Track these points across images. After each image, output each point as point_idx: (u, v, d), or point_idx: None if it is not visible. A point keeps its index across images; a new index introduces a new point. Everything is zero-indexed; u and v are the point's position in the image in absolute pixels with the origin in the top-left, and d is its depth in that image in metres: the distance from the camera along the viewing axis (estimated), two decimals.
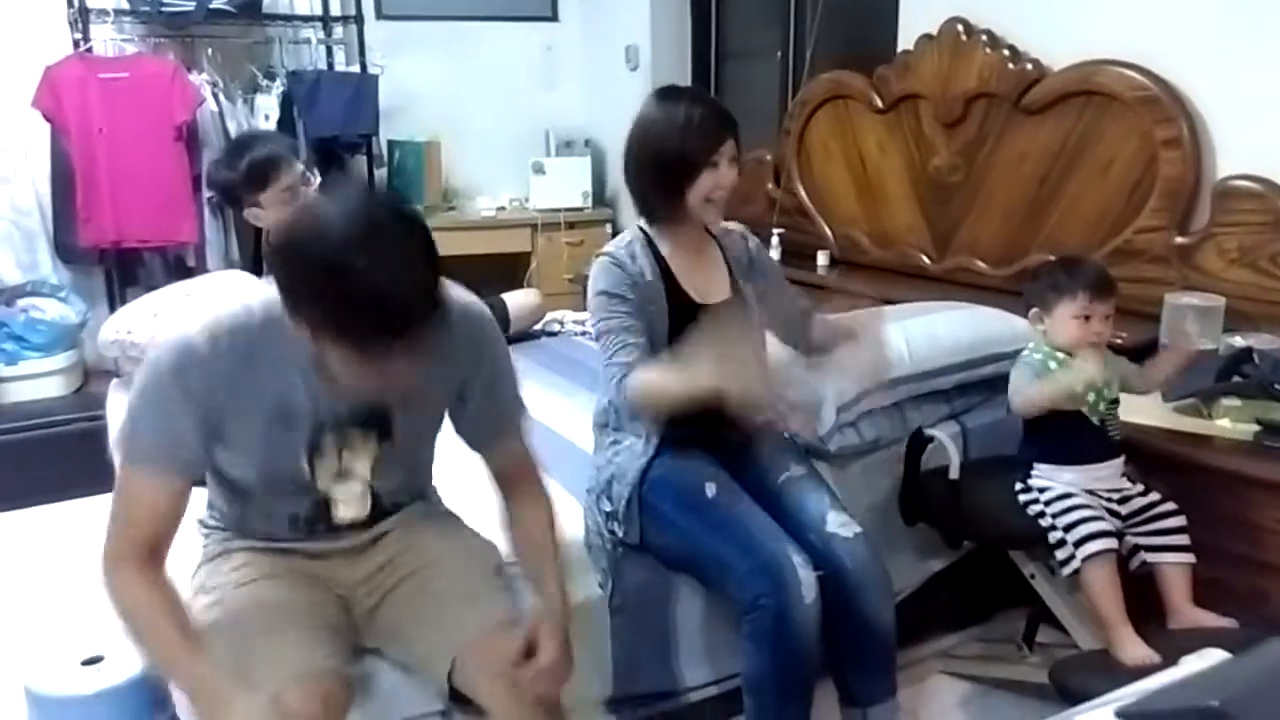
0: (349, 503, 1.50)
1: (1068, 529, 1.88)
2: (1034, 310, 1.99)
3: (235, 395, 1.36)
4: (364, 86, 4.11)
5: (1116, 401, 1.99)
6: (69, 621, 1.85)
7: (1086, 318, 1.91)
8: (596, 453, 1.97)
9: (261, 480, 1.46)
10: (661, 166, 1.82)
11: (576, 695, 1.61)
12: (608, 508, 1.87)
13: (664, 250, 1.89)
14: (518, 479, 1.61)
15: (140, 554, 1.34)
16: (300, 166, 2.60)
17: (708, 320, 1.78)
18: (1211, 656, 1.06)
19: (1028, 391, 1.94)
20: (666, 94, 1.89)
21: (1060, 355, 1.94)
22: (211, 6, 3.77)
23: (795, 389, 1.80)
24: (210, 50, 3.93)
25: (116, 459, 1.39)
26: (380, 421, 1.46)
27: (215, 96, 3.85)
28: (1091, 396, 1.93)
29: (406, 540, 1.58)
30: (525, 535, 1.59)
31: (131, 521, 1.35)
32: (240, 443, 1.40)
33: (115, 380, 2.78)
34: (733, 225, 2.03)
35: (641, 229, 1.91)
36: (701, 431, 1.83)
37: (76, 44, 3.73)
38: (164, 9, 3.73)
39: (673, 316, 1.84)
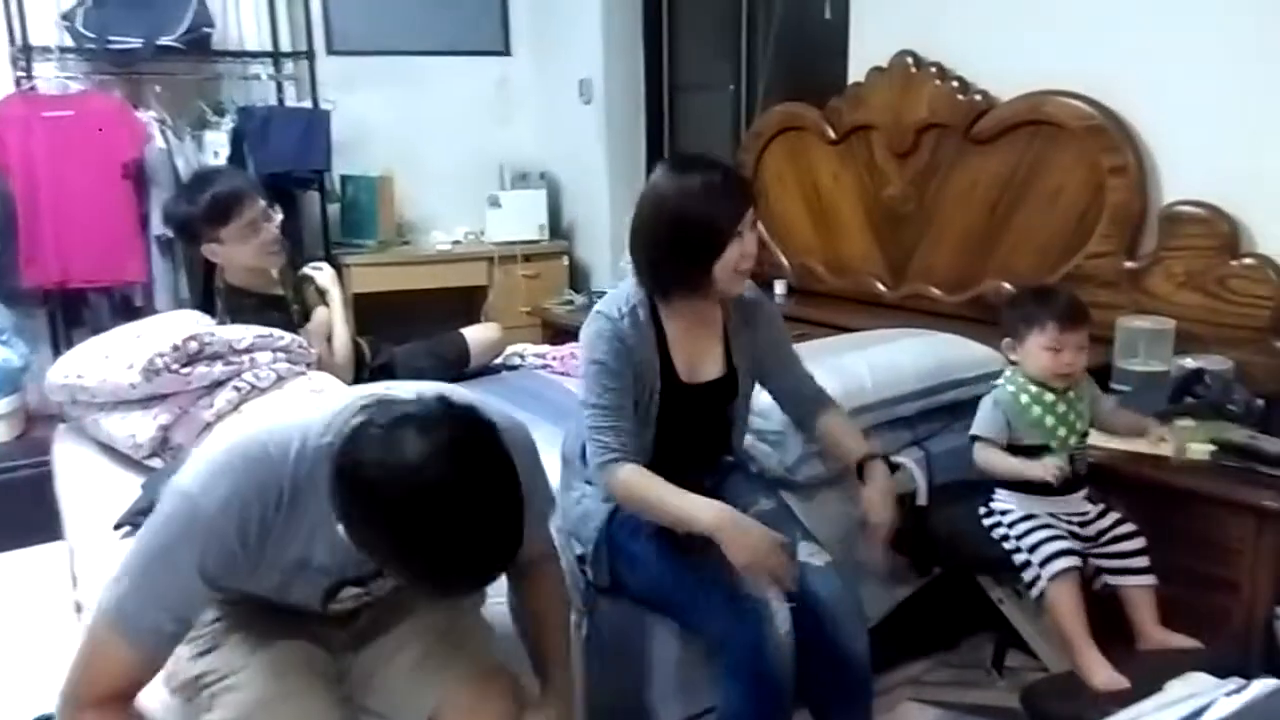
0: (351, 600, 1.44)
1: (1032, 549, 1.89)
2: (1007, 340, 2.00)
3: (253, 571, 1.28)
4: (315, 122, 4.08)
5: (1086, 434, 2.01)
6: (16, 678, 1.78)
7: (1057, 349, 1.92)
8: (563, 491, 1.93)
9: (262, 602, 1.39)
10: (686, 240, 1.70)
11: None
12: (578, 550, 1.85)
13: (666, 321, 1.80)
14: (535, 561, 1.52)
15: (102, 703, 1.26)
16: (262, 202, 2.56)
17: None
18: (1194, 680, 1.06)
19: (992, 464, 1.97)
20: (680, 163, 1.77)
21: (1033, 389, 1.95)
22: (159, 43, 3.71)
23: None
24: (158, 87, 3.88)
25: (95, 611, 1.28)
26: None
27: (163, 133, 3.79)
28: (1062, 431, 1.95)
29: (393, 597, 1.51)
30: (539, 616, 1.53)
31: (94, 681, 1.25)
32: (246, 589, 1.34)
33: (62, 425, 2.69)
34: (748, 291, 1.91)
35: (646, 295, 1.80)
36: (670, 471, 1.76)
37: (19, 82, 3.66)
38: (110, 46, 3.67)
39: (661, 395, 1.79)
